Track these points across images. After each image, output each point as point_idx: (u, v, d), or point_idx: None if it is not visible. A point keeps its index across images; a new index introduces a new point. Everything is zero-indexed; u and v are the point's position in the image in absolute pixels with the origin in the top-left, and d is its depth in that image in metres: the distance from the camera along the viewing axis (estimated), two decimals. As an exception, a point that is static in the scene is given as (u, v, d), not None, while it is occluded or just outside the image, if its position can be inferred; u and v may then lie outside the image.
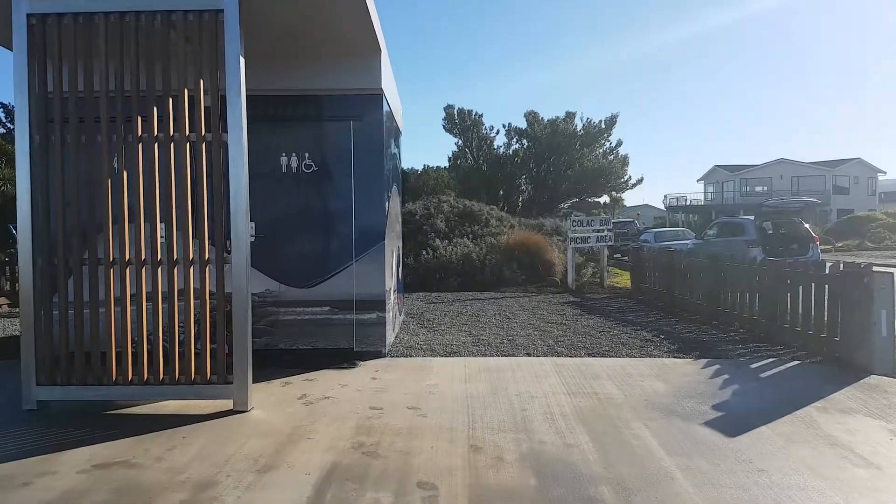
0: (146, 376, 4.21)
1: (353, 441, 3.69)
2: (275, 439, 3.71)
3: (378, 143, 5.80)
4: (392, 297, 6.46)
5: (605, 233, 12.17)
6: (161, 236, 4.23)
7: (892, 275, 5.37)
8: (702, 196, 52.14)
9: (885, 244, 27.58)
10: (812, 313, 6.08)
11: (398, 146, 7.74)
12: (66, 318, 4.23)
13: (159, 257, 4.21)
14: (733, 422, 4.03)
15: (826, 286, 5.90)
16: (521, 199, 31.46)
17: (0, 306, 9.52)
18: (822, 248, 14.04)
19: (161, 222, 4.23)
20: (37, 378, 4.21)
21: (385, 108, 5.95)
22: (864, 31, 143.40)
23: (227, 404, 4.24)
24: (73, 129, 4.21)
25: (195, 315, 4.21)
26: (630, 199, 51.29)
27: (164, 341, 4.21)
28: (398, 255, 7.63)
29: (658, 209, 55.12)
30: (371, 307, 5.81)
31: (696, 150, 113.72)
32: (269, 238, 5.69)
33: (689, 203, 50.00)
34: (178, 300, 4.20)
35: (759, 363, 5.64)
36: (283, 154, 5.73)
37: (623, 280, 13.18)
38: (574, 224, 12.02)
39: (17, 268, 4.49)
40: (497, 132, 31.57)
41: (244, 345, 4.15)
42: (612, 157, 31.48)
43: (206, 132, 4.20)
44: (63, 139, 4.21)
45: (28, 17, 4.14)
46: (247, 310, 4.16)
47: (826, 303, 5.86)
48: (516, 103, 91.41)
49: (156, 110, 4.20)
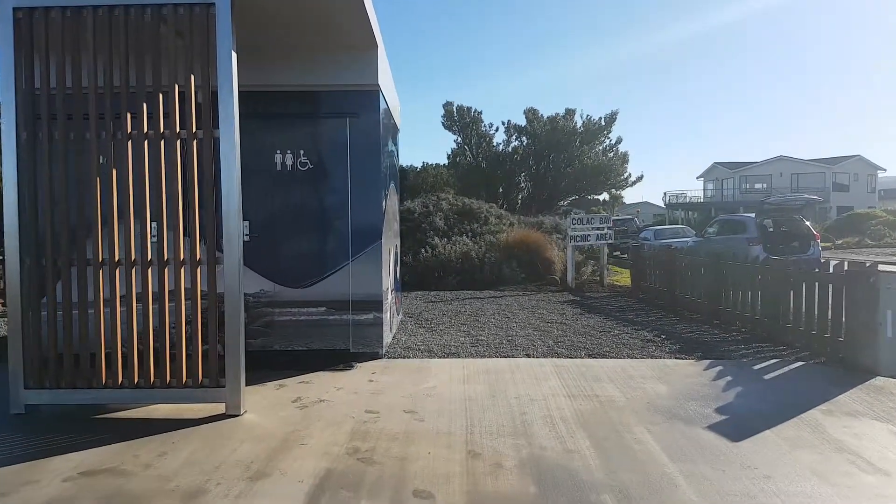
0: (136, 379, 4.12)
1: (348, 447, 3.59)
2: (267, 445, 3.62)
3: (375, 140, 5.69)
4: (389, 297, 6.36)
5: (605, 231, 12.07)
6: (152, 235, 4.14)
7: (898, 274, 5.28)
8: (701, 193, 52.01)
9: (885, 241, 27.55)
10: (815, 313, 6.00)
11: (396, 143, 7.63)
12: (54, 319, 4.14)
13: (150, 257, 4.12)
14: (737, 426, 3.94)
15: (830, 285, 5.81)
16: (520, 196, 31.26)
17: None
18: (822, 245, 13.91)
19: (151, 221, 4.13)
20: (25, 381, 4.12)
21: (382, 104, 5.84)
22: (864, 29, 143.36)
23: (220, 408, 4.15)
24: (61, 125, 4.10)
25: (187, 316, 4.11)
26: (630, 196, 51.41)
27: (154, 343, 4.11)
28: (396, 254, 7.53)
29: (658, 207, 54.99)
30: (368, 307, 5.71)
31: (696, 148, 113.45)
32: (263, 237, 5.58)
33: (688, 200, 49.95)
34: (170, 301, 4.11)
35: (763, 364, 5.55)
36: (278, 151, 5.62)
37: (623, 278, 13.09)
38: (574, 222, 11.93)
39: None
40: (496, 129, 31.37)
41: (237, 347, 4.06)
42: (611, 154, 31.27)
43: (197, 129, 4.10)
44: (51, 136, 4.11)
45: (14, 10, 4.04)
46: (240, 311, 4.07)
47: (830, 302, 5.78)
48: (516, 102, 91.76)
49: (145, 106, 4.09)
